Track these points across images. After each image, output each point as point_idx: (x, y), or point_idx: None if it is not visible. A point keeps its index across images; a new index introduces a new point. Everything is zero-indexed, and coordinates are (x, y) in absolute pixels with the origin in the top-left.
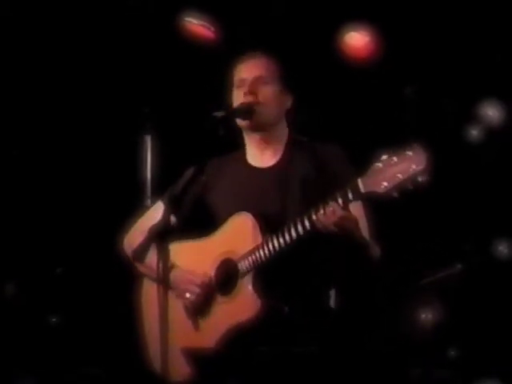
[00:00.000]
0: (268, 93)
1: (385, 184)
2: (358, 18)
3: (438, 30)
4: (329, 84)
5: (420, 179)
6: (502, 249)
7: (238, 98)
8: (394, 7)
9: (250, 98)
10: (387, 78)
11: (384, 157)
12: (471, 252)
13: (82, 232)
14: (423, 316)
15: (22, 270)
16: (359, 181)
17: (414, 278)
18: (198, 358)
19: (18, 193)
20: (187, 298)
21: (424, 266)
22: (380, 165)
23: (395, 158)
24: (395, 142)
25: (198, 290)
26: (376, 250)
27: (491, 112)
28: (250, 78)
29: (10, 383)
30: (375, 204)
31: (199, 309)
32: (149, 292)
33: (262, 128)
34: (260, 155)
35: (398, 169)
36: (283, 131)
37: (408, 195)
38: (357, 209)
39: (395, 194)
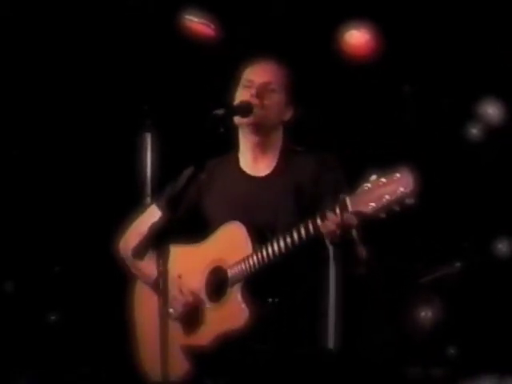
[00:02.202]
0: (273, 100)
1: (372, 205)
2: (357, 16)
3: (438, 28)
4: (328, 83)
5: (407, 201)
6: (501, 247)
7: (242, 96)
8: (394, 5)
9: (255, 101)
10: (387, 76)
11: (373, 177)
12: (470, 250)
13: (81, 230)
14: (422, 314)
15: (20, 268)
16: (347, 199)
17: (413, 276)
18: (194, 355)
19: (17, 191)
20: (170, 314)
21: (423, 264)
22: (369, 185)
23: (384, 180)
24: (394, 143)
25: (180, 310)
26: (363, 252)
27: (491, 110)
28: (259, 81)
29: (10, 381)
30: None
31: (185, 321)
32: (141, 293)
33: (259, 131)
34: (253, 162)
35: (385, 190)
36: (278, 141)
37: (395, 216)
38: None
39: (382, 215)
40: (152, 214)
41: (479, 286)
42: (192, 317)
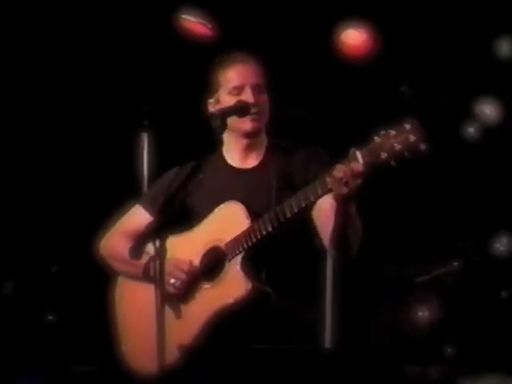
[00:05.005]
0: (264, 102)
1: (384, 155)
2: (354, 15)
3: (435, 28)
4: (325, 82)
5: (418, 148)
6: (498, 246)
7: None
8: (391, 5)
9: (255, 110)
10: (383, 75)
11: (382, 131)
12: (468, 250)
13: (79, 230)
14: (420, 314)
15: (18, 269)
16: (357, 152)
17: (410, 275)
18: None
19: (15, 191)
20: (171, 284)
21: (421, 263)
22: (378, 138)
23: (393, 132)
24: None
25: (183, 276)
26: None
27: (488, 110)
28: (246, 85)
29: (8, 381)
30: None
31: (183, 295)
32: (124, 290)
33: (254, 135)
34: (240, 159)
35: (396, 140)
36: (264, 136)
37: (406, 165)
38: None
39: (393, 163)
40: (137, 215)
41: (477, 286)
42: (187, 294)
